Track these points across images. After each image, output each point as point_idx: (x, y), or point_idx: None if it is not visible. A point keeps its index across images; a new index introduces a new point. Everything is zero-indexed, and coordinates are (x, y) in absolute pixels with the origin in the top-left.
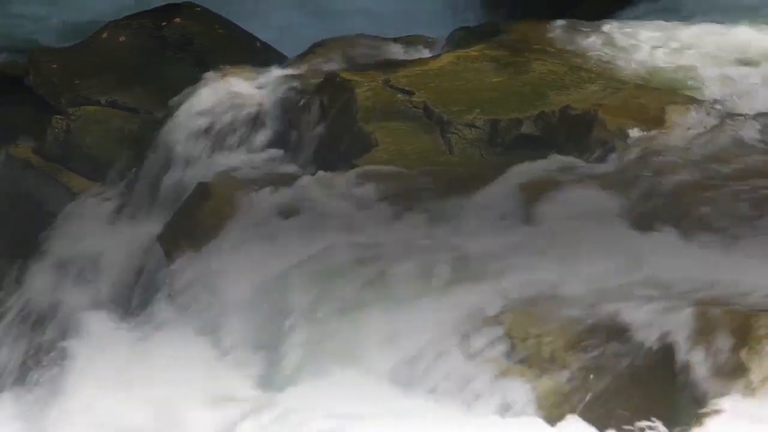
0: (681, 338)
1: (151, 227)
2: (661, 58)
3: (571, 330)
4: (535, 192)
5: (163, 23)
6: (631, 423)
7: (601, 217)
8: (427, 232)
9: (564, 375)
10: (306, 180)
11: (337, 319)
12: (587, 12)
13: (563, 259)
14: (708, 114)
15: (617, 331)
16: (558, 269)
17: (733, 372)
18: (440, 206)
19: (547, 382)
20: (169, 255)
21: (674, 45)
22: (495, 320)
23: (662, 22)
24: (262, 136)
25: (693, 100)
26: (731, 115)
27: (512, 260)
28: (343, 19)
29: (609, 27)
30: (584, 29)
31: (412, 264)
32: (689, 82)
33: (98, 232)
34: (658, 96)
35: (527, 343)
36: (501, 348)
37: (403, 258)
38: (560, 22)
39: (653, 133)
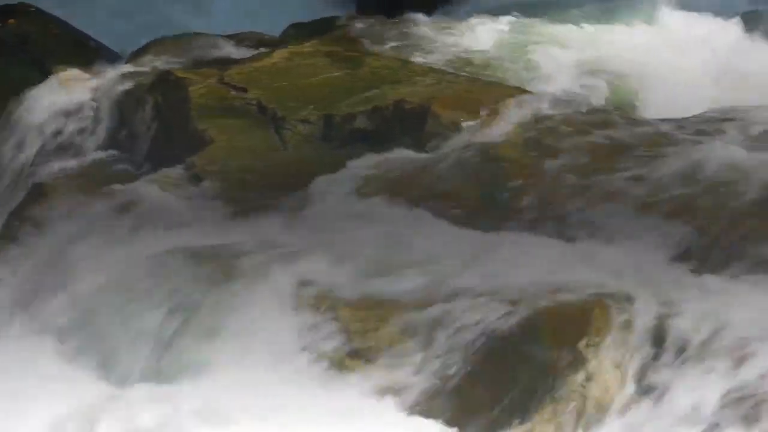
0: (518, 330)
1: None
2: (496, 51)
3: (408, 323)
4: (367, 186)
5: None
6: (470, 413)
7: (434, 209)
8: (261, 228)
9: (399, 366)
10: (141, 179)
11: (177, 317)
12: (423, 6)
13: (395, 252)
14: (540, 105)
15: (453, 324)
16: (392, 263)
17: (572, 363)
18: (274, 202)
19: (384, 373)
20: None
21: (509, 38)
22: (331, 315)
23: (498, 16)
24: (97, 136)
25: (525, 92)
26: (562, 106)
27: (346, 255)
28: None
29: (443, 21)
30: (418, 24)
31: (247, 261)
32: (523, 75)
33: None
34: (491, 88)
35: (364, 336)
36: (338, 342)
37: (238, 255)
38: (394, 17)
39: (486, 124)
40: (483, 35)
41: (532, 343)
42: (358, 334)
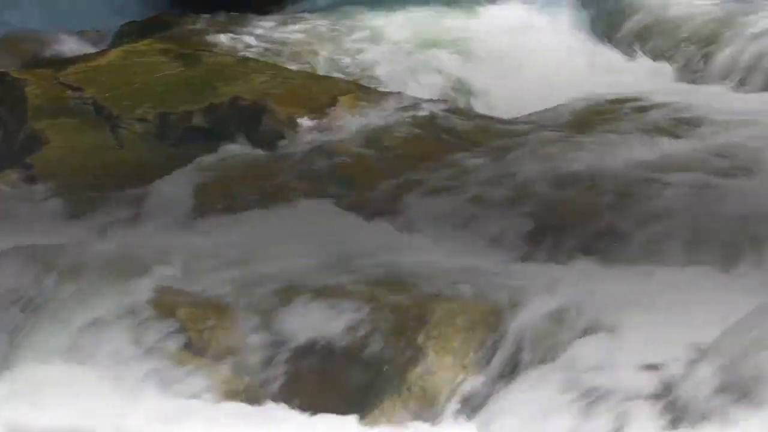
0: (357, 324)
1: None
2: (331, 46)
3: (246, 322)
4: (205, 184)
5: None
6: (306, 412)
7: (270, 206)
8: (97, 228)
9: (240, 364)
10: None
11: (20, 319)
12: (257, 3)
13: (233, 250)
14: (376, 100)
15: (291, 320)
16: (230, 261)
17: (411, 357)
18: (111, 202)
19: (225, 372)
20: None
21: (345, 33)
22: (170, 313)
23: (334, 11)
24: None
25: (362, 87)
26: (400, 101)
27: (183, 254)
28: None
29: (279, 18)
30: (253, 21)
31: (83, 261)
32: (361, 70)
33: None
34: (328, 84)
35: (203, 335)
36: (177, 341)
37: (74, 255)
38: (228, 14)
39: (323, 120)
40: (320, 30)
41: (371, 337)
42: (197, 333)
